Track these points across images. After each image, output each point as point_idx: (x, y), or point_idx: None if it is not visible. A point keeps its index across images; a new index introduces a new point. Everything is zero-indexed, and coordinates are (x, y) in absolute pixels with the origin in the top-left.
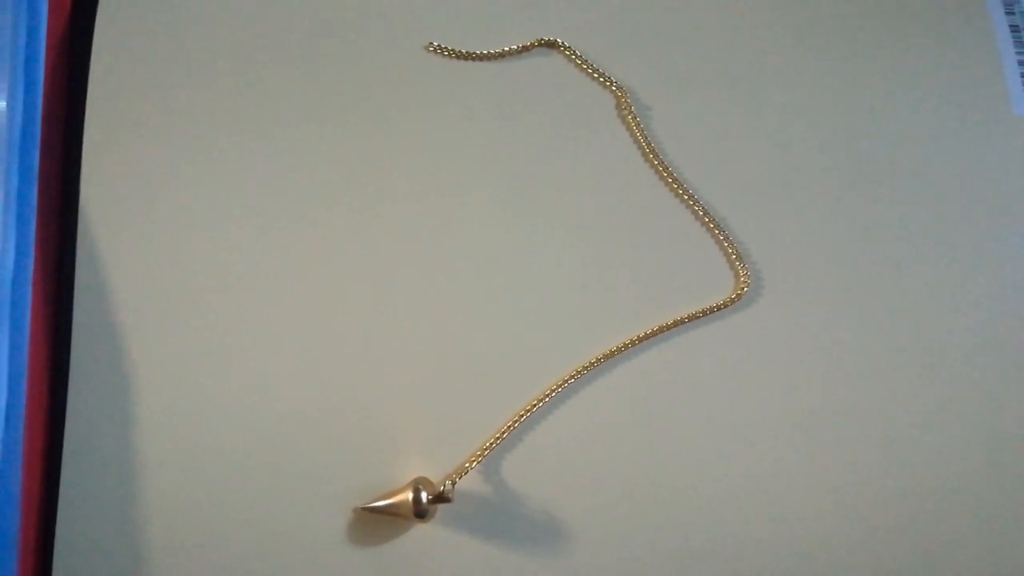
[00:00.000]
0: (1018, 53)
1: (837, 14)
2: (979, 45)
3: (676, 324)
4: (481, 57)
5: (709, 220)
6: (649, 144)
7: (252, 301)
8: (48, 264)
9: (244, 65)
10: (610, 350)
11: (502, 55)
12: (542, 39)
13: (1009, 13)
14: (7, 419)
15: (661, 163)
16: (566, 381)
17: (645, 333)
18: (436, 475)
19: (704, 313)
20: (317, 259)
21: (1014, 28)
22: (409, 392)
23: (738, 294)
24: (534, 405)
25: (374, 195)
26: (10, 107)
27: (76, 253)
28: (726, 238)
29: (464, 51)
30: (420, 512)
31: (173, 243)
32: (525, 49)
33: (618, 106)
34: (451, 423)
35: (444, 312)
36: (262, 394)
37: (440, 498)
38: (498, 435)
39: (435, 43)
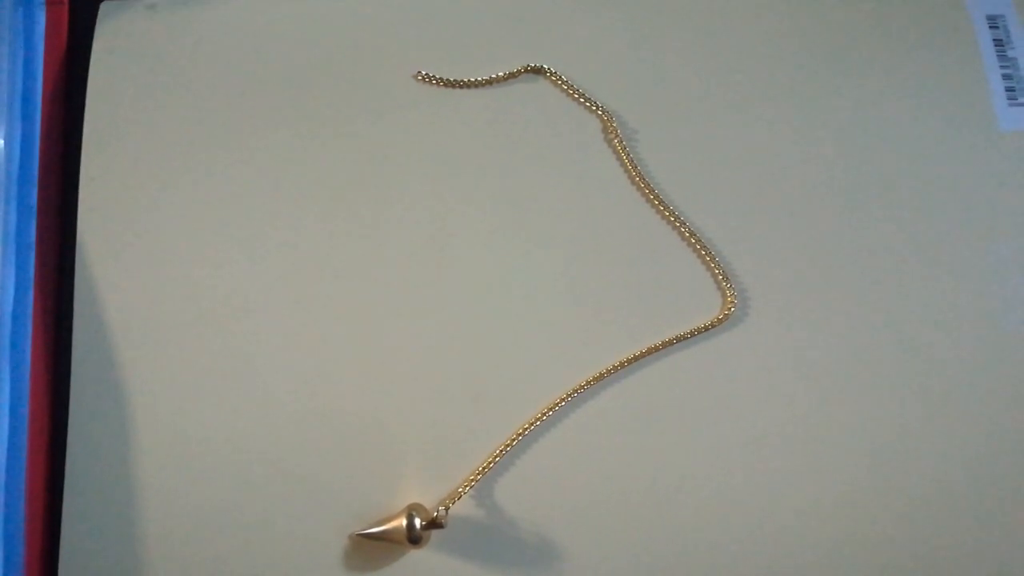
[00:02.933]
0: (1003, 67)
1: (820, 33)
2: (964, 61)
3: (665, 345)
4: (469, 84)
5: (696, 241)
6: (635, 167)
7: (247, 329)
8: (47, 296)
9: (238, 95)
10: (599, 372)
11: (490, 82)
12: (529, 65)
13: (993, 27)
14: (9, 449)
15: (648, 186)
16: (557, 404)
17: (634, 355)
18: (430, 501)
19: (692, 334)
20: (310, 287)
21: (998, 42)
22: (403, 419)
23: (725, 314)
24: (525, 429)
25: (364, 223)
26: (7, 144)
27: (74, 284)
28: (713, 259)
29: (452, 79)
30: (414, 538)
31: (170, 272)
32: (512, 75)
33: (605, 130)
34: (444, 449)
35: (434, 339)
36: (256, 421)
37: (433, 524)
38: (490, 460)
39: (423, 72)
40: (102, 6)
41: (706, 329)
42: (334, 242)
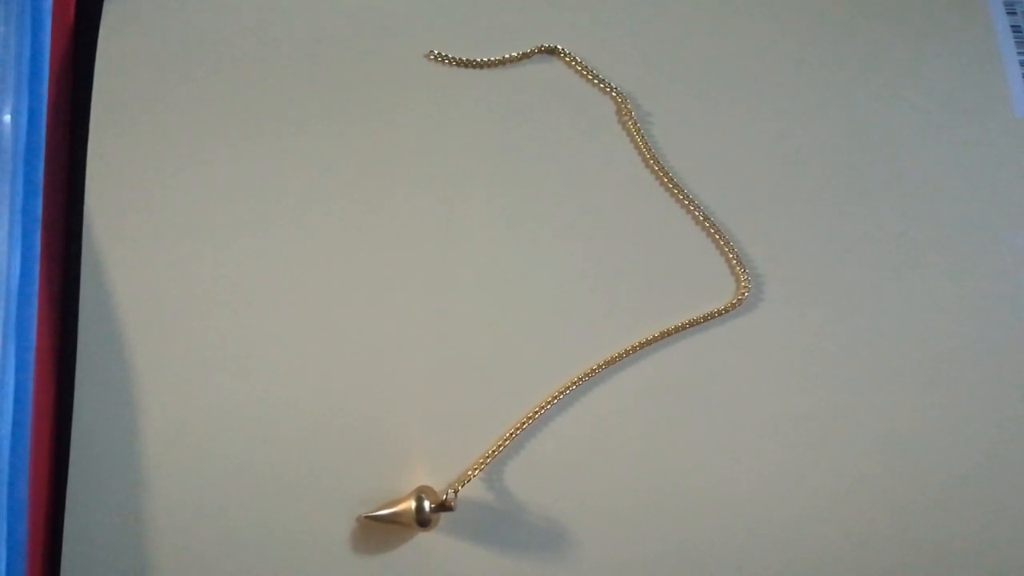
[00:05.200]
0: (1020, 54)
1: (836, 16)
2: (980, 47)
3: (678, 329)
4: (482, 64)
5: (710, 225)
6: (650, 150)
7: (256, 311)
8: (53, 275)
9: (247, 76)
10: (612, 356)
11: (503, 62)
12: (542, 46)
13: (1011, 13)
14: (14, 428)
15: (662, 169)
16: (568, 388)
17: (647, 339)
18: (439, 483)
19: (705, 318)
20: (320, 268)
21: (1015, 28)
22: (412, 401)
23: (739, 299)
24: (536, 412)
25: (376, 204)
26: (15, 121)
27: (81, 263)
28: (727, 243)
29: (465, 59)
30: (423, 521)
31: (177, 253)
32: (525, 56)
33: (619, 112)
34: (453, 431)
35: (445, 321)
36: (265, 404)
37: (443, 507)
38: (500, 443)
39: (436, 51)
40: None
41: (719, 314)
42: (345, 222)
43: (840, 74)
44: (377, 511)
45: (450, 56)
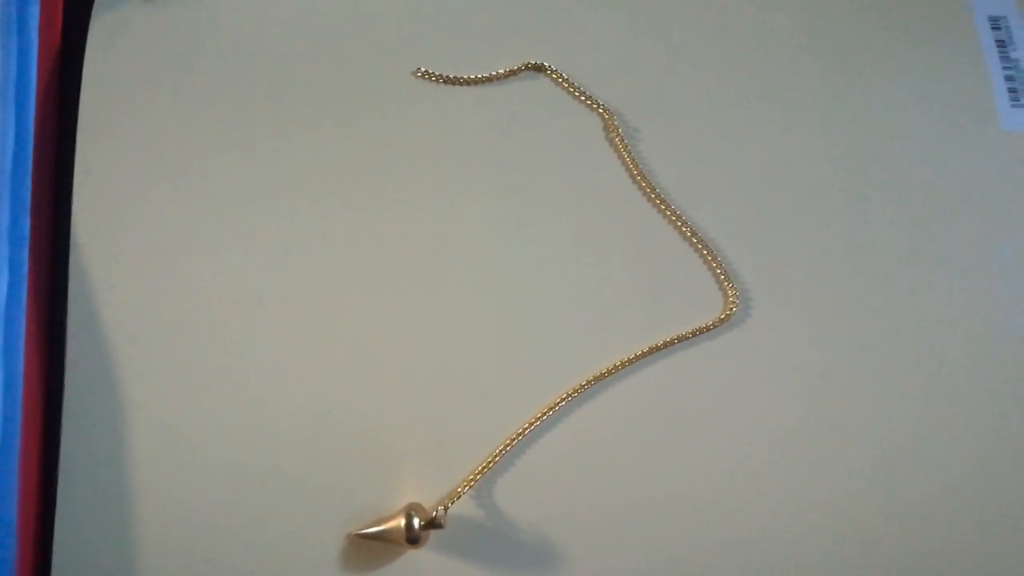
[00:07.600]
0: (1005, 68)
1: (823, 32)
2: (966, 62)
3: (666, 345)
4: (469, 82)
5: (697, 241)
6: (636, 166)
7: (244, 326)
8: (41, 292)
9: (235, 91)
10: (600, 372)
11: (489, 79)
12: (529, 63)
13: (995, 28)
14: (2, 447)
15: (649, 184)
16: (557, 404)
17: (635, 355)
18: (429, 500)
19: (694, 333)
20: (306, 285)
21: (1000, 43)
22: (401, 418)
23: (727, 314)
24: (525, 429)
25: (362, 220)
26: (1, 139)
27: (68, 281)
28: (714, 258)
29: (452, 76)
30: (412, 538)
31: (165, 267)
32: (512, 73)
33: (605, 128)
34: (443, 448)
35: (433, 338)
36: (254, 420)
37: (432, 524)
38: (490, 459)
39: (423, 69)
40: None
41: (707, 329)
42: (332, 239)
43: (826, 90)
44: (366, 528)
45: (437, 73)
